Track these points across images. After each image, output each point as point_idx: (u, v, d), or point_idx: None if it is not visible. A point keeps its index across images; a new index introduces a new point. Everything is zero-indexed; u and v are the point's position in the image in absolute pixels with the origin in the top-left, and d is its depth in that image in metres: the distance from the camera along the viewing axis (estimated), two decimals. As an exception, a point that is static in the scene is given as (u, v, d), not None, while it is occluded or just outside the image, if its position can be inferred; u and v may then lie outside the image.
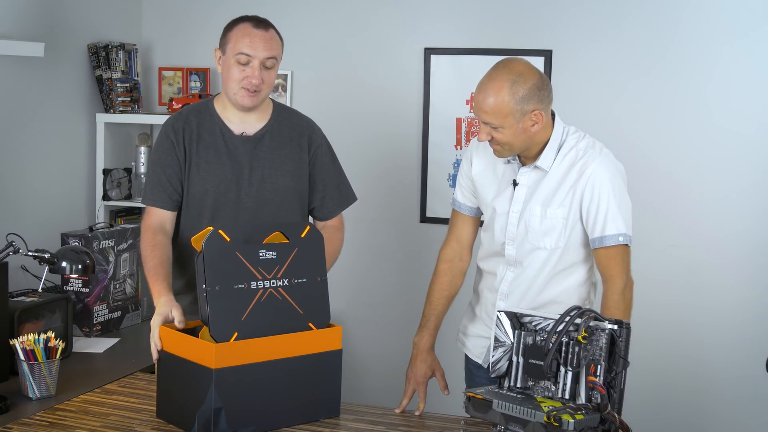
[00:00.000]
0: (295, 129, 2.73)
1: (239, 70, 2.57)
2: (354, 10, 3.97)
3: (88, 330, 3.08)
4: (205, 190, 2.63)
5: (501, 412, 2.00)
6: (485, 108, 2.31)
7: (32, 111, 3.57)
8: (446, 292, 2.60)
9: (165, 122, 2.70)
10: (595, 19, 3.69)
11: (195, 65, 4.15)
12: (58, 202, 3.75)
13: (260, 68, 2.57)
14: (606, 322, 2.00)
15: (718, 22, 3.56)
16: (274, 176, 2.67)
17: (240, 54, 2.56)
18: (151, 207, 2.65)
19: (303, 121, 2.78)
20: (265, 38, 2.58)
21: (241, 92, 2.59)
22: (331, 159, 2.79)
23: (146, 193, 2.67)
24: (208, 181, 2.63)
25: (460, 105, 3.84)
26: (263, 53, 2.56)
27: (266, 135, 2.69)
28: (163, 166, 2.64)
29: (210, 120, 2.67)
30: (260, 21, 2.62)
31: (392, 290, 4.01)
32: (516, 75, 2.30)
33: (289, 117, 2.76)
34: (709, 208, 3.63)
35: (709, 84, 3.60)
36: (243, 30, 2.59)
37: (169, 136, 2.65)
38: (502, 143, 2.35)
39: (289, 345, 2.18)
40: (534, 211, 2.41)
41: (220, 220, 2.63)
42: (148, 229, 2.61)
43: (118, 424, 2.21)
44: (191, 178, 2.64)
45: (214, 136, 2.66)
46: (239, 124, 2.67)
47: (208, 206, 2.64)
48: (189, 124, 2.66)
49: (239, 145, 2.66)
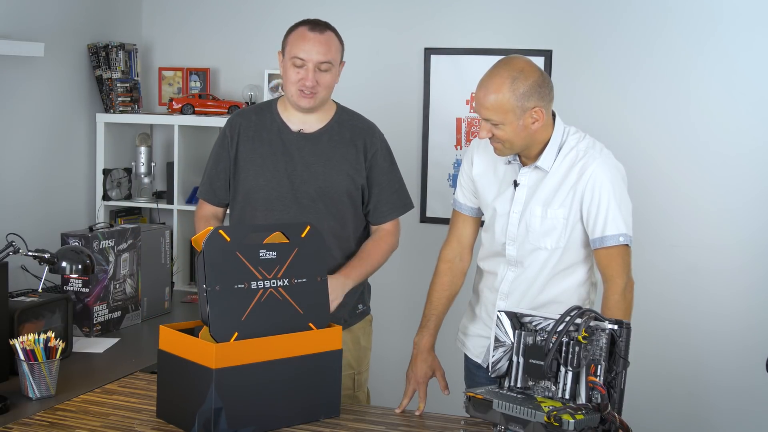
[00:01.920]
0: (355, 131, 2.76)
1: (295, 72, 2.64)
2: (354, 11, 3.97)
3: (88, 330, 3.08)
4: (257, 185, 2.70)
5: (501, 412, 2.00)
6: (486, 104, 2.31)
7: (32, 111, 3.57)
8: (447, 292, 2.60)
9: (228, 118, 2.84)
10: (595, 19, 3.69)
11: (195, 65, 4.15)
12: (58, 202, 3.75)
13: (314, 71, 2.63)
14: (606, 322, 2.00)
15: (718, 22, 3.56)
16: (327, 174, 2.70)
17: (294, 58, 2.63)
18: (200, 199, 2.84)
19: (364, 124, 2.81)
20: (319, 41, 2.63)
21: (297, 93, 2.65)
22: (390, 164, 2.81)
23: (201, 185, 2.86)
24: (260, 175, 2.70)
25: (460, 105, 3.84)
26: (317, 57, 2.62)
27: (324, 135, 2.73)
28: (216, 160, 2.79)
29: (270, 118, 2.75)
30: (317, 24, 2.68)
31: (392, 290, 4.01)
32: (517, 71, 2.30)
33: (350, 119, 2.79)
34: (710, 208, 3.64)
35: (710, 84, 3.60)
36: (299, 34, 2.66)
37: (225, 133, 2.77)
38: (502, 141, 2.35)
39: (289, 345, 2.18)
40: (534, 212, 2.41)
41: (272, 215, 2.69)
42: (201, 218, 2.80)
43: (118, 424, 2.21)
44: (246, 173, 2.72)
45: (271, 133, 2.73)
46: (298, 123, 2.73)
47: (261, 200, 2.70)
48: (248, 120, 2.76)
49: (295, 141, 2.72)
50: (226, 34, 4.10)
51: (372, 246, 2.76)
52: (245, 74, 4.09)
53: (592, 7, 3.69)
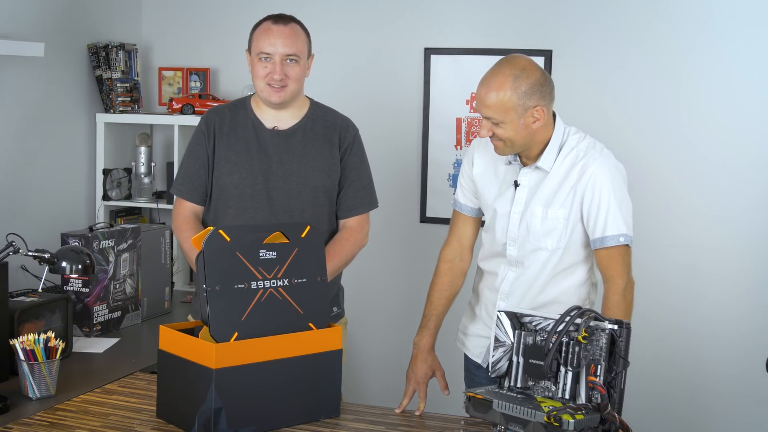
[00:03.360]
0: (329, 126, 2.75)
1: (262, 67, 2.63)
2: (354, 11, 3.97)
3: (88, 330, 3.08)
4: (232, 182, 2.67)
5: (501, 412, 2.00)
6: (487, 102, 2.31)
7: (32, 111, 3.57)
8: (447, 293, 2.60)
9: (202, 115, 2.78)
10: (595, 19, 3.69)
11: (195, 65, 4.15)
12: (58, 202, 3.75)
13: (281, 63, 2.61)
14: (606, 322, 2.00)
15: (719, 23, 3.56)
16: (303, 171, 2.68)
17: (260, 53, 2.62)
18: (177, 198, 2.75)
19: (338, 119, 2.78)
20: (284, 34, 2.62)
21: (267, 88, 2.64)
22: (361, 160, 2.78)
23: (176, 183, 2.76)
24: (235, 173, 2.67)
25: (460, 105, 3.84)
26: (282, 49, 2.61)
27: (299, 131, 2.72)
28: (194, 158, 2.73)
29: (244, 115, 2.73)
30: (281, 17, 2.66)
31: (392, 290, 4.01)
32: (519, 70, 2.30)
33: (324, 115, 2.77)
34: (709, 208, 3.64)
35: (709, 85, 3.59)
36: (264, 28, 2.65)
37: (202, 129, 2.73)
38: (503, 139, 2.35)
39: (289, 345, 2.18)
40: (535, 212, 2.41)
41: (247, 213, 2.66)
42: (184, 218, 2.71)
43: (118, 424, 2.21)
44: (220, 170, 2.69)
45: (246, 130, 2.71)
46: (272, 120, 2.71)
47: (234, 198, 2.67)
48: (223, 117, 2.73)
49: (269, 138, 2.70)
50: (226, 34, 4.10)
51: (337, 244, 2.70)
52: (245, 74, 4.04)
53: (592, 7, 3.69)
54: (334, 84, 4.00)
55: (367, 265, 3.99)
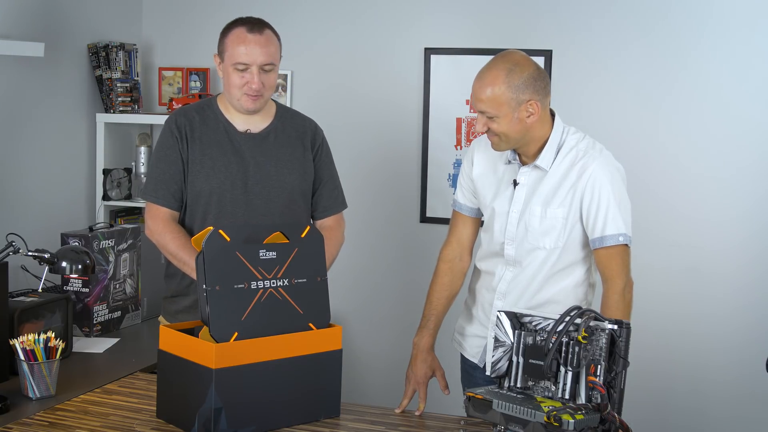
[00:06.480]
0: (299, 129, 2.75)
1: (239, 77, 2.59)
2: (354, 10, 3.97)
3: (88, 330, 3.08)
4: (210, 188, 2.63)
5: (501, 412, 2.00)
6: (481, 97, 2.33)
7: (32, 111, 3.57)
8: (446, 293, 2.60)
9: (167, 119, 2.69)
10: (595, 19, 3.69)
11: (195, 65, 4.15)
12: (58, 202, 3.75)
13: (259, 73, 2.58)
14: (606, 322, 2.00)
15: (720, 20, 3.56)
16: (280, 174, 2.67)
17: (237, 63, 2.57)
18: (152, 204, 2.64)
19: (306, 121, 2.80)
20: (260, 43, 2.58)
21: (244, 97, 2.61)
22: (330, 161, 2.82)
23: (149, 189, 2.65)
24: (213, 177, 2.63)
25: (460, 105, 3.84)
26: (260, 59, 2.57)
27: (271, 133, 2.70)
28: (168, 162, 2.64)
29: (214, 117, 2.68)
30: (254, 24, 2.61)
31: (392, 290, 4.01)
32: (512, 64, 2.32)
33: (292, 117, 2.78)
34: (711, 208, 3.63)
35: (710, 82, 3.59)
36: (238, 36, 2.59)
37: (173, 133, 2.65)
38: (498, 134, 2.36)
39: (289, 345, 2.18)
40: (534, 211, 2.41)
41: (226, 218, 2.63)
42: (165, 223, 2.61)
43: (118, 424, 2.21)
44: (196, 175, 2.63)
45: (218, 133, 2.66)
46: (243, 123, 2.69)
47: (214, 203, 2.64)
48: (192, 120, 2.66)
49: (244, 142, 2.67)
50: (226, 34, 4.09)
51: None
52: (245, 74, 4.09)
53: (592, 7, 3.69)
54: (334, 84, 4.00)
55: (367, 265, 4.00)
